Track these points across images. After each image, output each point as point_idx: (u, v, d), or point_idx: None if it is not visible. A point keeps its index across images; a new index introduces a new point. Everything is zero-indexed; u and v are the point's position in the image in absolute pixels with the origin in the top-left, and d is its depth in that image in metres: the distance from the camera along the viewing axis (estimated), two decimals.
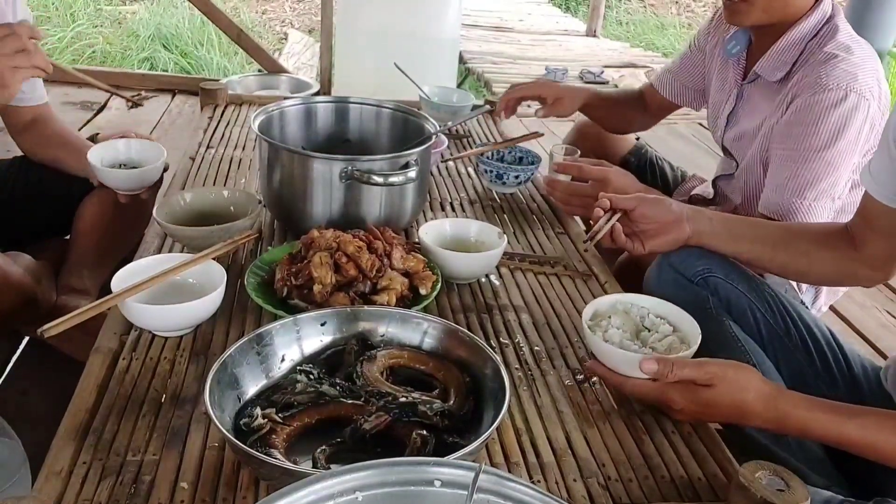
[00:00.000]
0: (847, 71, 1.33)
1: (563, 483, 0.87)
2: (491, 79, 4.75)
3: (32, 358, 1.60)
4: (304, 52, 4.89)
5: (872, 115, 1.34)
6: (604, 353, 1.00)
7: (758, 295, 1.20)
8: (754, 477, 0.77)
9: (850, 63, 1.34)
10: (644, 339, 1.04)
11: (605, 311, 1.09)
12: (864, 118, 1.32)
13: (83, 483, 0.81)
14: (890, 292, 2.39)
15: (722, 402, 0.92)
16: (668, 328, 1.05)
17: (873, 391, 1.16)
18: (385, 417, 0.85)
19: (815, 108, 1.33)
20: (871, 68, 1.36)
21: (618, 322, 1.05)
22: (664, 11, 7.77)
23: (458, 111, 2.02)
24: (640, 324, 1.07)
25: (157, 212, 1.30)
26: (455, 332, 0.98)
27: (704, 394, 0.92)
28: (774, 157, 1.42)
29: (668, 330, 1.05)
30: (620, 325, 1.05)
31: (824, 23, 1.41)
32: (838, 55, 1.35)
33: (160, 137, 2.94)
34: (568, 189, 1.50)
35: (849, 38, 1.39)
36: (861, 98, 1.32)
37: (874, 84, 1.35)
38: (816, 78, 1.35)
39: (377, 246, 1.17)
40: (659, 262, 1.26)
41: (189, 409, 0.93)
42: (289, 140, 1.48)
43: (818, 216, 1.35)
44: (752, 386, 0.91)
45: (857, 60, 1.35)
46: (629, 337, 1.03)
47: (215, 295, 1.07)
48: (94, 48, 4.78)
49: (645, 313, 1.08)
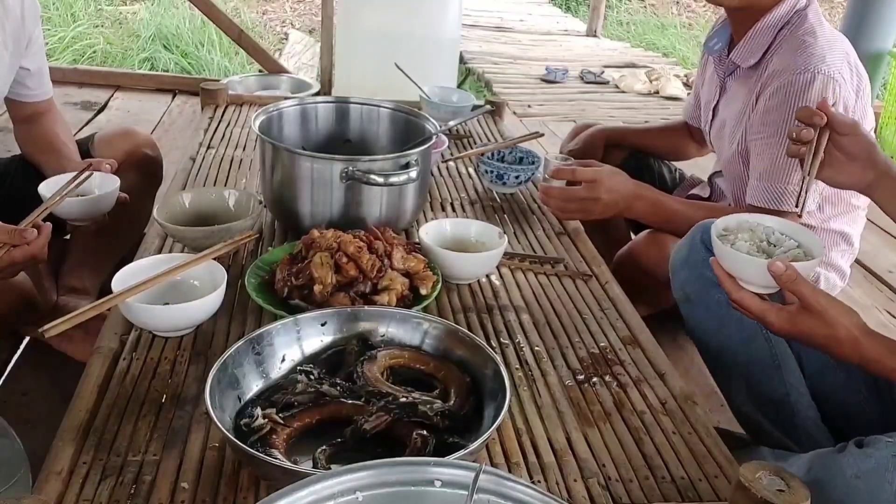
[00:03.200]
0: (814, 54, 1.38)
1: (563, 483, 0.87)
2: (491, 79, 4.75)
3: (33, 358, 1.60)
4: (305, 53, 4.89)
5: (845, 97, 1.38)
6: (730, 258, 1.02)
7: None
8: (754, 477, 0.77)
9: (817, 47, 1.39)
10: (770, 252, 1.05)
11: (733, 229, 1.09)
12: (833, 98, 1.36)
13: (84, 483, 0.81)
14: (890, 292, 2.39)
15: (815, 332, 0.97)
16: (792, 242, 1.06)
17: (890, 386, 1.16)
18: (385, 417, 0.85)
19: (786, 92, 1.39)
20: (840, 50, 1.41)
21: (745, 237, 1.06)
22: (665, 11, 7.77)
23: (458, 111, 2.02)
24: (767, 240, 1.07)
25: (158, 212, 1.30)
26: (455, 333, 0.98)
27: (804, 322, 0.97)
28: (754, 148, 1.45)
29: (792, 244, 1.05)
30: (748, 240, 1.06)
31: (794, 13, 1.46)
32: (806, 40, 1.41)
33: (160, 138, 2.94)
34: (563, 195, 1.50)
35: (817, 25, 1.43)
36: (829, 79, 1.36)
37: (843, 66, 1.39)
38: (786, 64, 1.40)
39: (378, 246, 1.17)
40: (688, 240, 1.28)
41: (189, 410, 0.93)
42: (289, 140, 1.48)
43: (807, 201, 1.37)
44: (845, 326, 0.96)
45: (824, 43, 1.40)
46: (756, 249, 1.04)
47: (216, 295, 1.07)
48: (94, 48, 4.78)
49: (770, 231, 1.08)
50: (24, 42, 1.58)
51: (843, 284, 1.67)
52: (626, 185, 1.46)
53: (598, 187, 1.43)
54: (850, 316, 0.97)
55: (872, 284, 2.42)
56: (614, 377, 1.08)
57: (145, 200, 1.74)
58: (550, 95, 4.52)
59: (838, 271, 1.64)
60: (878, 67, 3.75)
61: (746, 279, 1.01)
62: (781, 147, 1.37)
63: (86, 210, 1.41)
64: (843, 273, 1.65)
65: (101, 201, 1.43)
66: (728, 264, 1.02)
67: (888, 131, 3.60)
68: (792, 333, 0.99)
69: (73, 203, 1.40)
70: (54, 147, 1.64)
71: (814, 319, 0.96)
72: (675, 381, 1.08)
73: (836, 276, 1.63)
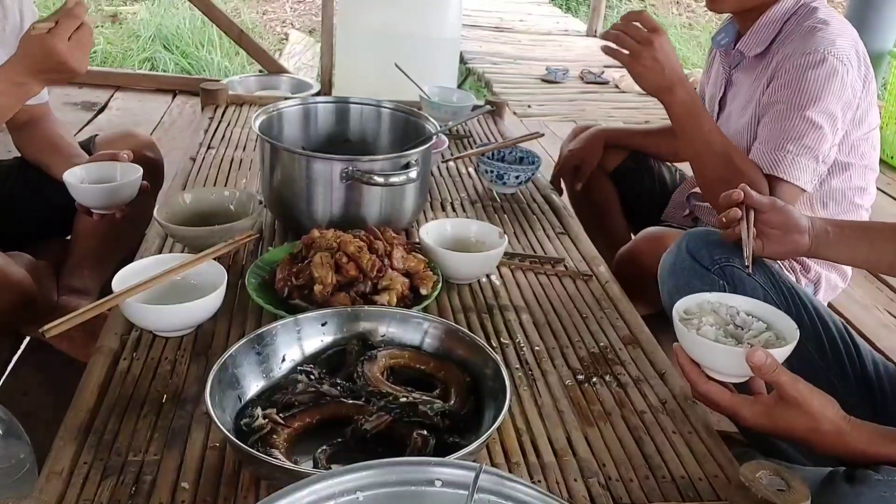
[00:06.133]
0: (825, 38, 1.39)
1: (563, 483, 0.88)
2: (491, 79, 4.75)
3: (33, 358, 1.60)
4: (305, 53, 4.89)
5: (852, 82, 1.39)
6: (698, 346, 0.95)
7: (774, 286, 1.20)
8: (755, 477, 0.77)
9: (827, 32, 1.40)
10: (738, 336, 1.00)
11: (694, 311, 1.04)
12: (842, 82, 1.38)
13: (84, 483, 0.81)
14: (890, 292, 2.39)
15: (795, 425, 0.91)
16: (761, 325, 1.01)
17: (883, 389, 1.16)
18: (386, 417, 0.85)
19: (795, 71, 1.40)
20: (850, 38, 1.42)
21: (710, 320, 1.01)
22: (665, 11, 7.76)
23: (458, 111, 2.02)
24: (733, 322, 1.03)
25: (158, 212, 1.30)
26: (455, 332, 0.98)
27: (783, 415, 0.90)
28: (761, 127, 1.44)
29: (761, 326, 1.01)
30: (714, 323, 1.00)
31: (801, 5, 1.47)
32: (816, 27, 1.42)
33: (161, 138, 2.94)
34: (625, 26, 1.40)
35: (827, 16, 1.44)
36: (839, 62, 1.37)
37: (851, 53, 1.40)
38: (795, 47, 1.41)
39: (378, 246, 1.17)
40: (675, 249, 1.26)
41: (190, 410, 0.93)
42: (289, 140, 1.48)
43: (801, 171, 1.38)
44: (828, 418, 0.90)
45: (835, 30, 1.41)
46: (723, 334, 0.99)
47: (216, 295, 1.07)
48: (94, 48, 4.78)
49: (734, 312, 1.04)
50: None
51: (844, 285, 1.67)
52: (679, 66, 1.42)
53: (658, 42, 1.37)
54: (831, 406, 0.91)
55: (873, 284, 2.42)
56: (614, 377, 1.08)
57: (146, 201, 1.74)
58: (550, 95, 4.52)
59: (839, 271, 1.63)
60: (878, 67, 3.75)
61: (716, 368, 0.95)
62: (786, 120, 1.38)
63: (109, 198, 1.42)
64: (844, 274, 1.65)
65: (124, 189, 1.43)
66: (696, 351, 0.96)
67: (888, 131, 3.60)
68: (768, 428, 0.92)
69: (95, 190, 1.41)
70: (59, 147, 1.64)
71: (793, 411, 0.90)
72: (675, 381, 1.08)
73: (837, 277, 1.63)
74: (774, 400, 0.91)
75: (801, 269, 1.58)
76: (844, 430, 0.90)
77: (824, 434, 0.90)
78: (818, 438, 0.91)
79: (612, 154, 1.96)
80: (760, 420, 0.92)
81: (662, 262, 1.28)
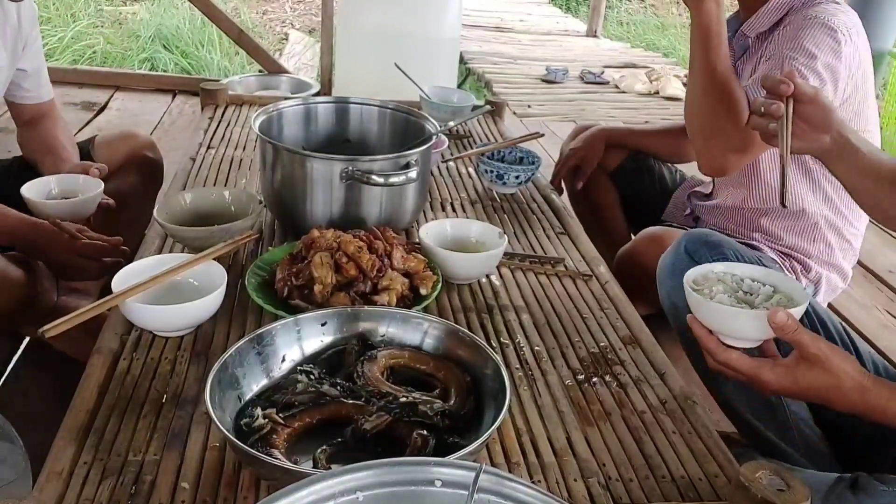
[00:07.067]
0: (827, 10, 1.40)
1: (563, 483, 0.87)
2: (491, 79, 4.76)
3: (33, 358, 1.60)
4: (305, 53, 4.89)
5: (848, 57, 1.38)
6: (715, 313, 0.94)
7: None
8: (755, 477, 0.77)
9: (831, 7, 1.41)
10: (749, 302, 0.99)
11: (701, 283, 1.03)
12: (838, 49, 1.37)
13: (84, 483, 0.81)
14: (890, 292, 2.39)
15: (818, 384, 0.91)
16: (768, 289, 1.00)
17: None
18: (386, 417, 0.85)
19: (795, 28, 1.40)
20: (853, 18, 1.42)
21: (720, 288, 1.00)
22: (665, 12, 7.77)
23: (458, 111, 2.02)
24: (740, 289, 1.02)
25: (158, 212, 1.30)
26: (455, 332, 0.98)
27: (805, 374, 0.90)
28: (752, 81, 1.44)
29: (769, 290, 1.00)
30: (723, 291, 1.00)
31: None
32: (821, 6, 1.42)
33: (160, 138, 2.94)
34: None
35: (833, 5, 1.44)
36: (838, 32, 1.37)
37: (854, 30, 1.40)
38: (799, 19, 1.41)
39: (378, 246, 1.17)
40: (674, 249, 1.26)
41: (190, 410, 0.93)
42: (289, 140, 1.48)
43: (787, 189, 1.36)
44: (849, 374, 0.90)
45: (839, 10, 1.41)
46: (735, 301, 0.99)
47: (216, 295, 1.07)
48: (94, 49, 4.78)
49: (739, 280, 1.03)
50: (22, 44, 1.58)
51: (844, 286, 1.66)
52: None
53: None
54: (852, 363, 0.91)
55: (872, 284, 2.42)
56: (614, 377, 1.08)
57: (146, 202, 1.74)
58: (550, 95, 4.53)
59: (840, 272, 1.63)
60: (878, 67, 3.75)
61: (735, 334, 0.95)
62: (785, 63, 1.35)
63: (68, 213, 1.43)
64: (844, 274, 1.64)
65: (84, 205, 1.46)
66: (714, 320, 0.95)
67: (888, 131, 3.60)
68: (791, 390, 0.93)
69: (54, 206, 1.43)
70: (52, 149, 1.64)
71: (815, 370, 0.90)
72: (675, 381, 1.08)
73: (837, 278, 1.63)
74: (796, 360, 0.91)
75: (801, 269, 1.58)
76: (866, 387, 0.90)
77: (847, 392, 0.90)
78: (840, 396, 0.91)
79: (612, 154, 1.96)
80: (783, 381, 0.92)
81: (661, 262, 1.28)
